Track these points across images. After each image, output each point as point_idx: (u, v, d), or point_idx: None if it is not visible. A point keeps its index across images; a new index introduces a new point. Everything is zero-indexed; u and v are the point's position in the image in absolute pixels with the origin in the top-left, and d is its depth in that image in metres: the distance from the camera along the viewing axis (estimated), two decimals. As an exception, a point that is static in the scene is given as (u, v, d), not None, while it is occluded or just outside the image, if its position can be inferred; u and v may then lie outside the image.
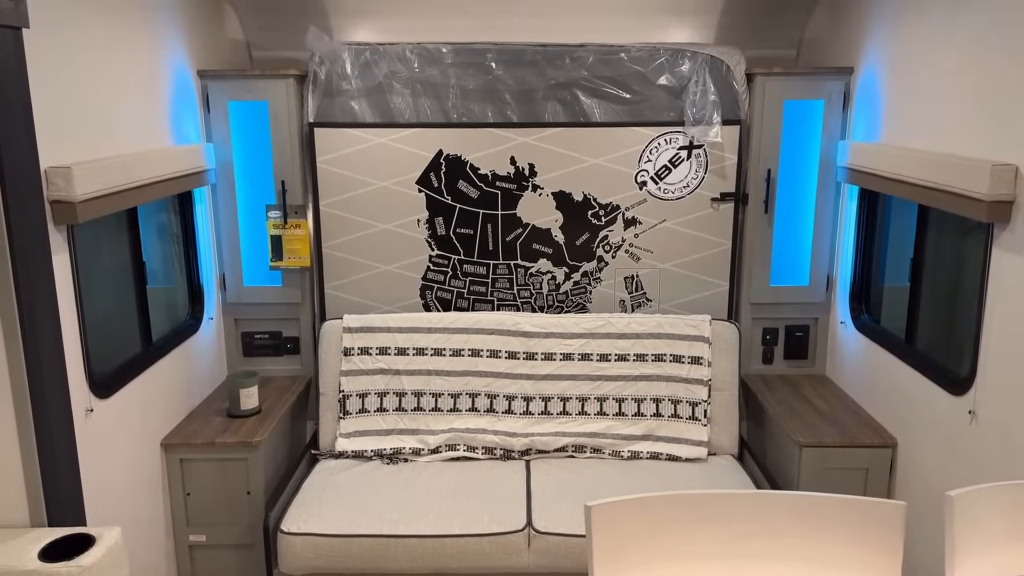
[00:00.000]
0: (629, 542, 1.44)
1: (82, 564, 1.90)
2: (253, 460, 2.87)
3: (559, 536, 2.63)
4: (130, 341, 2.81)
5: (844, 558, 1.44)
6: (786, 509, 1.47)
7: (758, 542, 1.47)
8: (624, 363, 3.18)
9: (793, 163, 3.24)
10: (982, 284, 2.29)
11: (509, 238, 3.36)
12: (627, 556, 1.44)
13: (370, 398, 3.19)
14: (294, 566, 2.65)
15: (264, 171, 3.28)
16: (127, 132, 2.60)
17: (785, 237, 3.31)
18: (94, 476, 2.34)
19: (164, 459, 2.85)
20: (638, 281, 3.39)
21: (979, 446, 2.31)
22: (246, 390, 3.05)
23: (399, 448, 3.13)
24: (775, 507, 1.47)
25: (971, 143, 2.34)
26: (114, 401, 2.51)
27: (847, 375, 3.23)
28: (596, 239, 3.36)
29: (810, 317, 3.40)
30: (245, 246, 3.36)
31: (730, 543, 1.47)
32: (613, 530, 1.42)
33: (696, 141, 3.23)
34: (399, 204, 3.33)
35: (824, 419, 2.99)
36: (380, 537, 2.61)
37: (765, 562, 1.47)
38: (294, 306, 3.42)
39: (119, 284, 2.80)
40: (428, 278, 3.41)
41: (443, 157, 3.28)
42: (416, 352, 3.21)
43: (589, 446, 3.14)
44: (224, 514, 2.91)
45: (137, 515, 2.66)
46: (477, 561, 2.62)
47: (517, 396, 3.19)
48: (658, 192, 3.30)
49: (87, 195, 2.24)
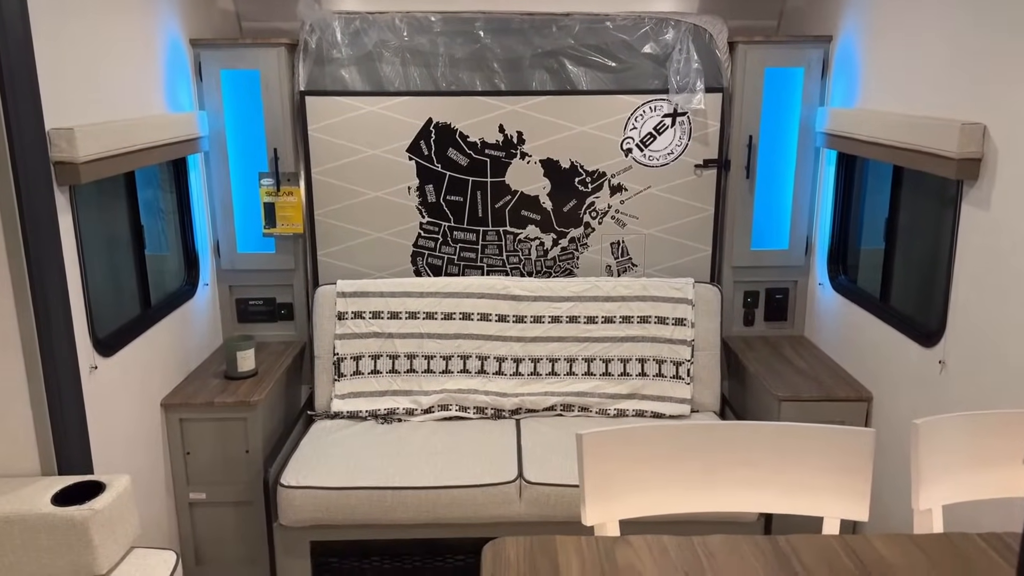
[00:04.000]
0: (617, 470, 1.54)
1: (94, 507, 1.98)
2: (252, 419, 2.95)
3: (549, 486, 2.74)
4: (130, 303, 2.88)
5: (818, 482, 1.55)
6: (764, 438, 1.58)
7: (738, 470, 1.57)
8: (610, 325, 3.29)
9: (774, 130, 3.34)
10: (952, 240, 2.40)
11: (498, 205, 3.44)
12: (615, 484, 1.54)
13: (364, 361, 3.27)
14: (294, 519, 2.74)
15: (256, 139, 3.33)
16: (124, 98, 2.65)
17: (765, 202, 3.42)
18: (99, 432, 2.41)
19: (164, 419, 2.93)
20: (624, 246, 3.49)
21: (948, 393, 2.43)
22: (243, 352, 3.12)
23: (393, 409, 3.22)
24: (753, 437, 1.58)
25: (943, 105, 2.44)
26: (116, 360, 2.58)
27: (824, 335, 3.36)
28: (583, 206, 3.44)
29: (789, 280, 3.51)
30: (238, 213, 3.42)
31: (712, 471, 1.57)
32: (602, 460, 1.52)
33: (680, 108, 3.32)
34: (390, 172, 3.40)
35: (802, 376, 3.11)
36: (377, 489, 2.71)
37: (745, 488, 1.58)
38: (287, 272, 3.49)
39: (118, 248, 2.86)
40: (419, 245, 3.49)
41: (433, 125, 3.35)
42: (408, 316, 3.30)
43: (577, 405, 3.25)
44: (223, 472, 2.99)
45: (139, 472, 2.74)
46: (471, 511, 2.73)
47: (507, 358, 3.28)
48: (643, 159, 3.39)
49: (89, 157, 2.29)
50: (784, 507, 1.57)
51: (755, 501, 1.57)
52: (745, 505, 1.57)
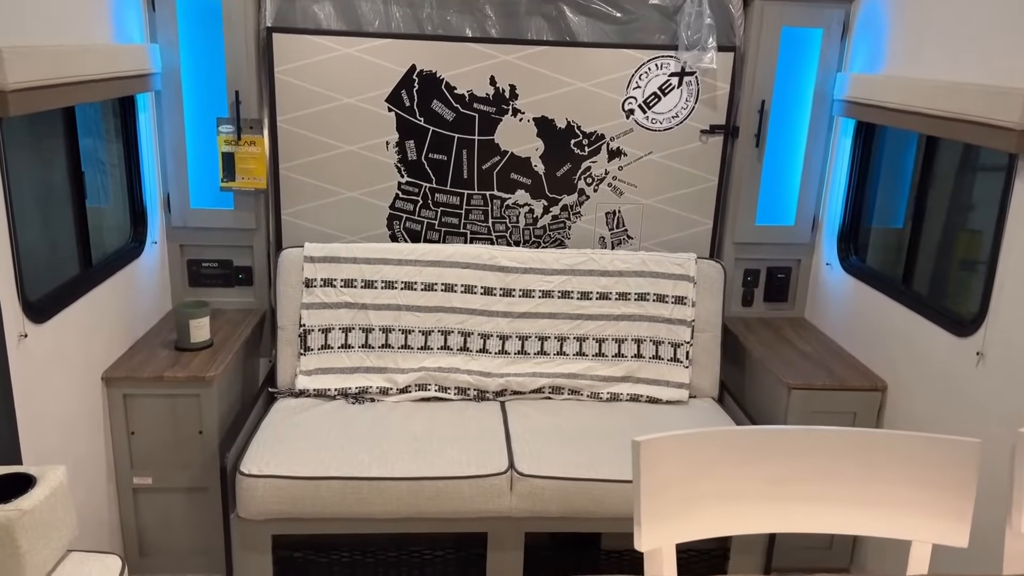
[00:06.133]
0: (675, 484, 1.28)
1: (22, 507, 1.64)
2: (206, 396, 2.61)
3: (543, 479, 2.47)
4: (67, 262, 2.49)
5: (908, 501, 1.31)
6: (843, 447, 1.33)
7: (811, 484, 1.33)
8: (606, 302, 3.02)
9: (786, 96, 3.09)
10: (1000, 220, 2.19)
11: (486, 166, 3.13)
12: (673, 500, 1.28)
13: (334, 333, 2.95)
14: (255, 511, 2.43)
15: (216, 80, 2.95)
16: (63, 21, 2.25)
17: (773, 174, 3.18)
18: (28, 411, 2.06)
19: (106, 394, 2.57)
20: (620, 217, 3.22)
21: (983, 388, 2.24)
22: (196, 321, 2.77)
23: (365, 387, 2.91)
24: (830, 445, 1.33)
25: (992, 71, 2.21)
26: (50, 327, 2.21)
27: (830, 318, 3.15)
28: (578, 170, 3.15)
29: (792, 259, 3.29)
30: (193, 163, 3.04)
31: (781, 483, 1.32)
32: (660, 471, 1.26)
33: (689, 67, 3.04)
34: (366, 124, 3.05)
35: (810, 361, 2.90)
36: (352, 480, 2.41)
37: (819, 505, 1.33)
38: (247, 232, 3.13)
39: (55, 198, 2.47)
40: (396, 207, 3.16)
41: (416, 73, 3.01)
42: (385, 285, 2.98)
43: (567, 387, 2.99)
44: (173, 455, 2.66)
45: (76, 455, 2.39)
46: (456, 505, 2.45)
47: (492, 334, 2.99)
48: (645, 122, 3.11)
49: (19, 84, 1.91)
50: (867, 528, 1.33)
51: (833, 521, 1.33)
52: (821, 525, 1.33)
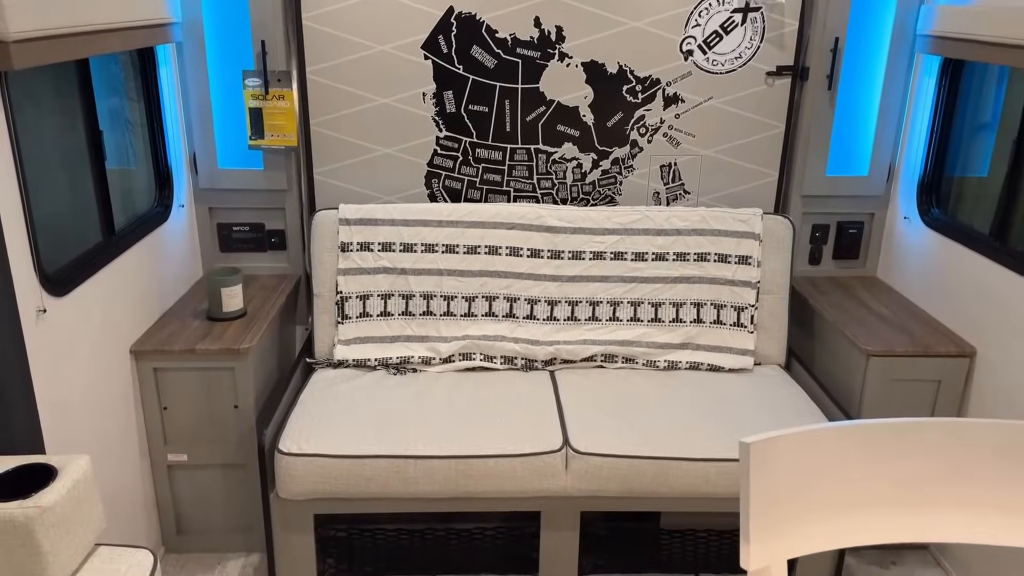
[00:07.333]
0: (788, 487, 1.08)
1: (41, 503, 1.50)
2: (241, 369, 2.46)
3: (601, 456, 2.29)
4: (88, 230, 2.33)
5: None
6: (988, 443, 1.12)
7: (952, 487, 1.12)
8: (662, 263, 2.80)
9: (861, 32, 2.80)
10: None
11: (530, 118, 2.90)
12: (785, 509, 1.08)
13: (372, 300, 2.77)
14: (295, 491, 2.28)
15: (240, 29, 2.74)
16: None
17: (845, 119, 2.90)
18: (52, 392, 1.92)
19: (135, 368, 2.43)
20: (676, 170, 2.98)
21: (1098, 357, 2.00)
22: (229, 289, 2.61)
23: (407, 357, 2.74)
24: (973, 440, 1.12)
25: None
26: (72, 300, 2.06)
27: (907, 276, 2.90)
28: (631, 120, 2.91)
29: (865, 212, 3.03)
30: (219, 121, 2.85)
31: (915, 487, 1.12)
32: (771, 476, 1.06)
33: (754, 2, 2.76)
34: (401, 73, 2.83)
35: (888, 325, 2.66)
36: (397, 458, 2.25)
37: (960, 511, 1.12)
38: (279, 194, 2.94)
39: (72, 161, 2.30)
40: (435, 164, 2.95)
41: (454, 16, 2.77)
42: (425, 249, 2.78)
43: (621, 355, 2.79)
44: (208, 430, 2.52)
45: (106, 434, 2.26)
46: (507, 484, 2.28)
47: (540, 300, 2.80)
48: (705, 64, 2.84)
49: (23, 34, 1.72)
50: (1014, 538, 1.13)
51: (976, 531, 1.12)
52: (960, 534, 1.12)
